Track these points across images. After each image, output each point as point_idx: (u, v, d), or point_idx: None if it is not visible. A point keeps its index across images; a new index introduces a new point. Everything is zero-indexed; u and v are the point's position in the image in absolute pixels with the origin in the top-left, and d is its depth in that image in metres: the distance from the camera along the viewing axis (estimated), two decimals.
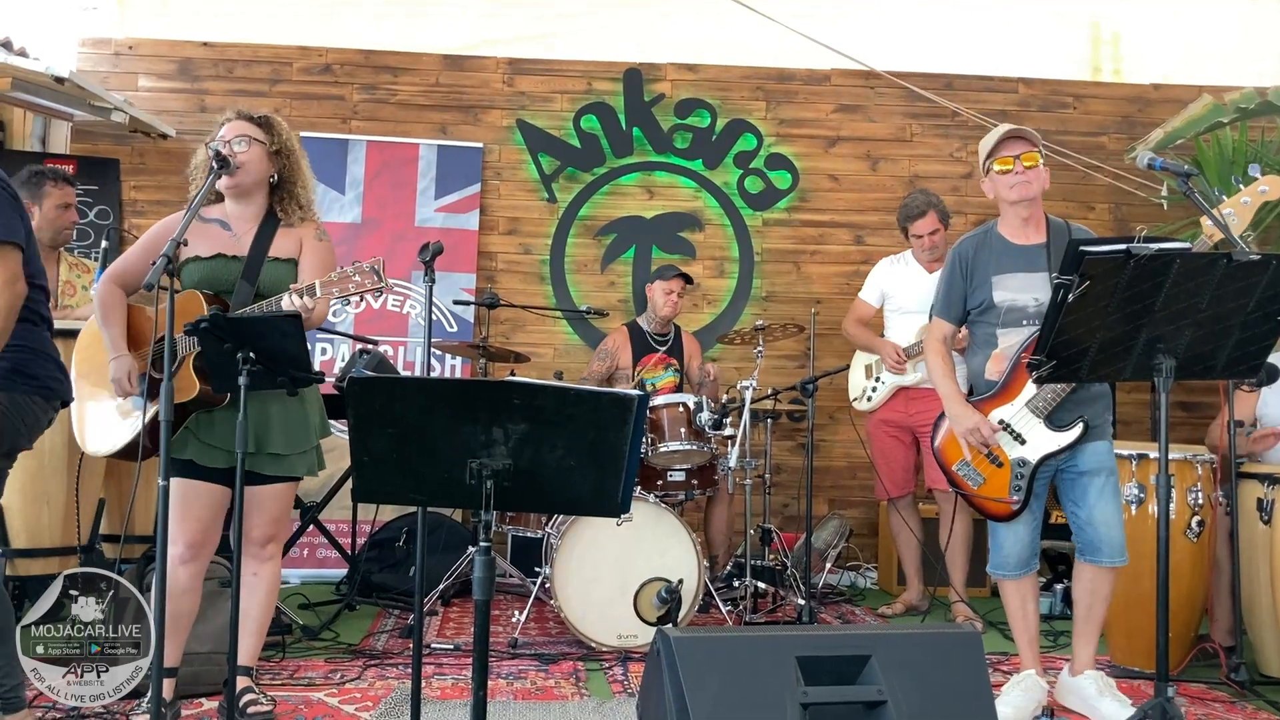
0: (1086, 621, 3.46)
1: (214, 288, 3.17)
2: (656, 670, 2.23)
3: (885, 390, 5.10)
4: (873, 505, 6.15)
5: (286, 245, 3.29)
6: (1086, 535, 3.38)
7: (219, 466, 3.16)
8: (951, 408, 3.45)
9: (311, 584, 5.51)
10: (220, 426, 3.13)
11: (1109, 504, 3.35)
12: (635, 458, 2.11)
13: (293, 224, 3.32)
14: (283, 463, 3.21)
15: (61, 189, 4.18)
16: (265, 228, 3.28)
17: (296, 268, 3.28)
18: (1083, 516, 3.37)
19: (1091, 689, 3.39)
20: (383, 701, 3.51)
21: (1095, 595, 3.41)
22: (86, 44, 6.21)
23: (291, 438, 3.23)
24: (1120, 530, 3.37)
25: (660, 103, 6.41)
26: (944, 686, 2.23)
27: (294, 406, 3.22)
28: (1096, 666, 3.47)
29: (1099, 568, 3.37)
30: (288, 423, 3.20)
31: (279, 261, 3.25)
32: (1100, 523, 3.34)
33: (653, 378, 5.37)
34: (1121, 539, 3.36)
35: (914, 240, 5.08)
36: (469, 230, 6.20)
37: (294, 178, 3.34)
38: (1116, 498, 3.39)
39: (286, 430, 3.20)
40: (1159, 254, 2.60)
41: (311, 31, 6.32)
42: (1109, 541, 3.34)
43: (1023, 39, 6.56)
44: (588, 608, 4.20)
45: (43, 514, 3.57)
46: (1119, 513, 3.39)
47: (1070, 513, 3.43)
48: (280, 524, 3.35)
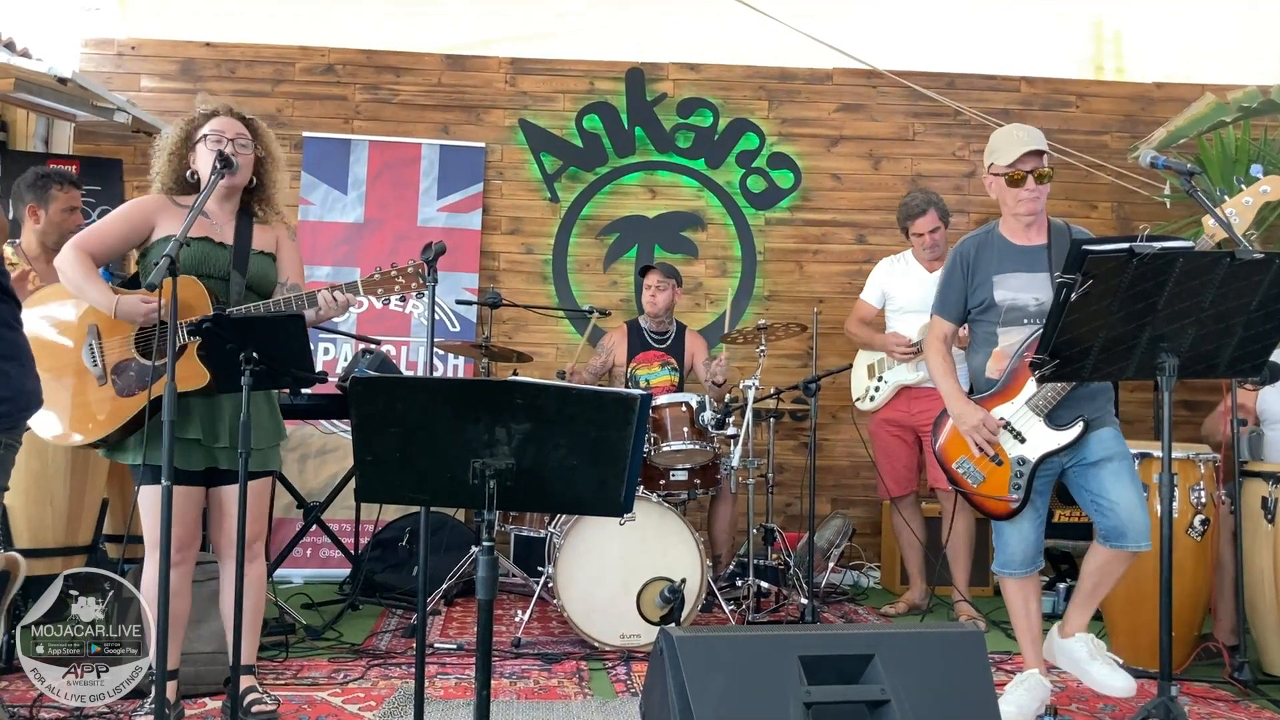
0: (1090, 595, 3.37)
1: (203, 270, 3.16)
2: (660, 670, 2.23)
3: (888, 390, 5.10)
4: (875, 504, 6.15)
5: (265, 240, 3.34)
6: (1109, 521, 3.24)
7: (196, 469, 3.16)
8: (954, 405, 3.44)
9: (315, 584, 5.51)
10: (197, 421, 3.12)
11: (1127, 486, 3.24)
12: (638, 457, 2.11)
13: (268, 222, 3.38)
14: (257, 457, 3.21)
15: (68, 192, 4.18)
16: (242, 222, 3.31)
17: (275, 262, 3.35)
18: (1104, 503, 3.26)
19: (1082, 651, 3.33)
20: (386, 701, 3.51)
21: (1104, 574, 3.32)
22: (89, 44, 6.22)
23: (264, 432, 3.24)
24: (1144, 513, 3.22)
25: (662, 102, 6.42)
26: (947, 686, 2.23)
27: (260, 401, 3.23)
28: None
29: (1120, 552, 3.25)
30: (258, 417, 3.21)
31: (262, 255, 3.31)
32: (1123, 505, 3.22)
33: (646, 374, 5.38)
34: (1146, 522, 3.22)
35: (914, 239, 5.08)
36: (471, 230, 6.20)
37: (270, 183, 3.38)
38: (1135, 480, 3.28)
39: (258, 425, 3.19)
40: (1162, 253, 2.60)
41: (314, 31, 6.33)
42: (1133, 525, 3.21)
43: (1025, 38, 6.56)
44: (591, 607, 4.20)
45: (46, 514, 3.57)
46: (1140, 495, 3.26)
47: (1090, 503, 3.32)
48: (262, 520, 3.37)
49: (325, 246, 6.03)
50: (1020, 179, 3.34)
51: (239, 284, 3.19)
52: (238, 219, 3.30)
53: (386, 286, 3.10)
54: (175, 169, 3.26)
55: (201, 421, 3.12)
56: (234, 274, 3.20)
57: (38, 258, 4.17)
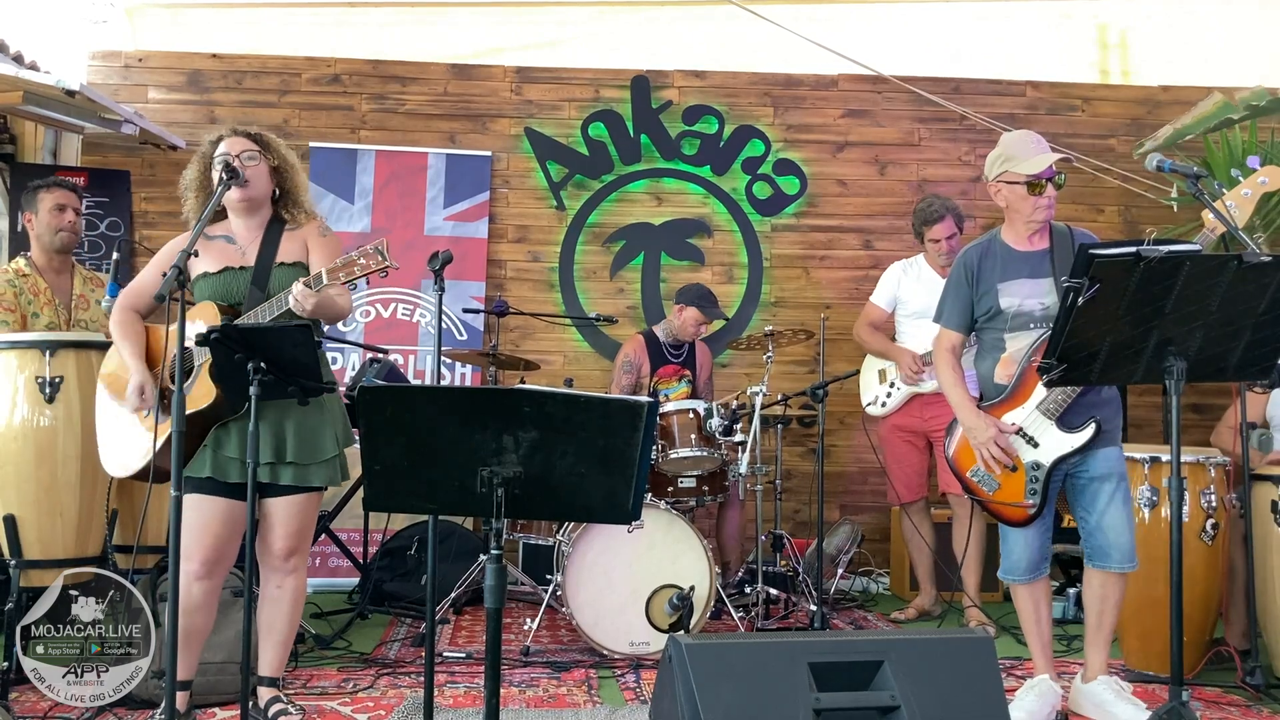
0: (1098, 630, 3.43)
1: (225, 300, 3.20)
2: (669, 677, 2.22)
3: (900, 396, 5.09)
4: (884, 510, 6.14)
5: (292, 249, 3.33)
6: (1096, 541, 3.36)
7: (236, 482, 3.15)
8: (965, 418, 3.43)
9: (324, 593, 5.51)
10: (237, 438, 3.13)
11: (1119, 510, 3.32)
12: (646, 464, 2.11)
13: (298, 225, 3.38)
14: (300, 472, 3.20)
15: (53, 192, 4.22)
16: (270, 234, 3.31)
17: (305, 270, 3.32)
18: (1092, 523, 3.35)
19: (1108, 694, 3.36)
20: (395, 710, 3.51)
21: (1106, 601, 3.38)
22: (97, 57, 6.25)
23: (308, 447, 3.21)
24: (1130, 536, 3.33)
25: (668, 109, 6.42)
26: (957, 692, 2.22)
27: (311, 415, 3.22)
28: (1110, 671, 3.45)
29: (1109, 573, 3.35)
30: (304, 431, 3.20)
31: (286, 266, 3.28)
32: (1110, 528, 3.32)
33: (668, 389, 5.39)
34: (1131, 544, 3.33)
35: (930, 244, 5.07)
36: (478, 238, 6.21)
37: (295, 188, 3.40)
38: (1127, 504, 3.36)
39: (303, 439, 3.19)
40: (1169, 256, 2.59)
41: (320, 42, 6.36)
42: (1118, 547, 3.31)
43: (1030, 42, 6.56)
44: (599, 615, 4.19)
45: (55, 525, 3.58)
46: (1129, 518, 3.36)
47: (1080, 519, 3.41)
48: (303, 536, 3.31)
49: None
50: (1042, 187, 3.34)
51: (257, 299, 3.19)
52: (267, 230, 3.32)
53: (348, 269, 3.09)
54: (202, 203, 3.29)
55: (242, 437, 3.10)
56: (253, 290, 3.21)
57: (45, 267, 4.21)
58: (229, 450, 3.13)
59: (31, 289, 4.13)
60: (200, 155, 3.32)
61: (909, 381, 4.99)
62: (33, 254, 4.23)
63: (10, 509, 3.53)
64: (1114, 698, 3.34)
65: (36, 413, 3.53)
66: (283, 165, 3.36)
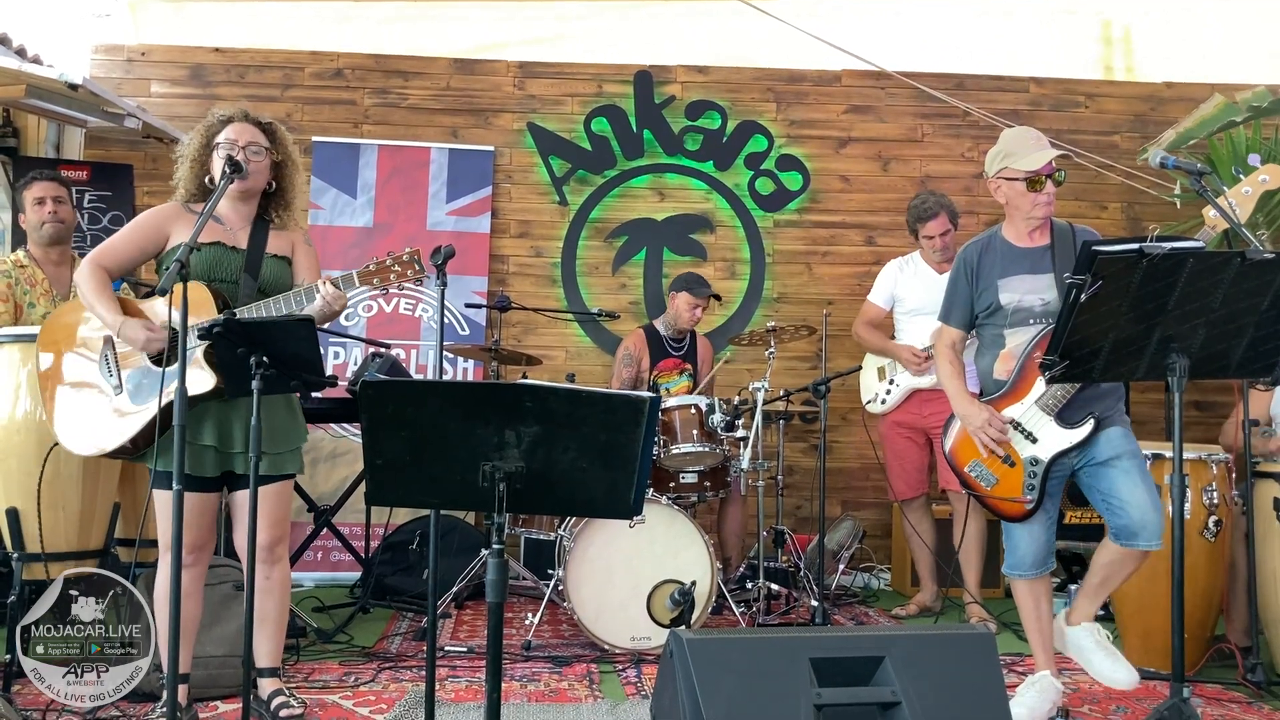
0: (1098, 588, 3.35)
1: (214, 275, 3.18)
2: (670, 672, 2.23)
3: (900, 393, 5.09)
4: (886, 506, 6.14)
5: (280, 244, 3.35)
6: (1121, 520, 3.21)
7: (209, 475, 3.16)
8: (960, 406, 3.44)
9: (325, 587, 5.52)
10: (211, 429, 3.13)
11: (1138, 484, 3.20)
12: (647, 459, 2.11)
13: (285, 227, 3.39)
14: (275, 461, 3.21)
15: (31, 187, 4.26)
16: (258, 227, 3.32)
17: (291, 265, 3.36)
18: (1115, 502, 3.22)
19: (1088, 640, 3.32)
20: (397, 704, 3.51)
21: (1115, 570, 3.30)
22: (99, 50, 6.25)
23: (280, 435, 3.24)
24: (1157, 513, 3.17)
25: (671, 105, 6.42)
26: (958, 687, 2.22)
27: (278, 404, 3.23)
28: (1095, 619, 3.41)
29: (1132, 550, 3.21)
30: (275, 420, 3.21)
31: (277, 258, 3.31)
32: (1134, 504, 3.18)
33: (668, 382, 5.38)
34: (1159, 521, 3.17)
35: (925, 241, 5.07)
36: (480, 233, 6.22)
37: (290, 187, 3.39)
38: (1146, 478, 3.23)
39: (275, 428, 3.20)
40: (1172, 253, 2.59)
41: (322, 36, 6.35)
42: (1145, 524, 3.16)
43: (1033, 38, 6.55)
44: (601, 610, 4.20)
45: (58, 519, 3.58)
46: (1152, 493, 3.20)
47: (1101, 503, 3.29)
48: (283, 525, 3.34)
49: (335, 251, 6.03)
50: (1041, 183, 3.33)
51: (250, 287, 3.20)
52: (254, 224, 3.32)
53: (382, 276, 3.10)
54: (196, 175, 3.28)
55: (217, 427, 3.14)
56: (245, 277, 3.21)
57: (44, 260, 4.26)
58: (204, 439, 3.13)
59: (29, 280, 4.16)
60: (206, 128, 3.29)
61: (915, 374, 4.99)
62: (30, 247, 4.26)
63: (12, 502, 3.54)
64: (1094, 646, 3.31)
65: (38, 406, 3.53)
66: (285, 161, 3.36)
